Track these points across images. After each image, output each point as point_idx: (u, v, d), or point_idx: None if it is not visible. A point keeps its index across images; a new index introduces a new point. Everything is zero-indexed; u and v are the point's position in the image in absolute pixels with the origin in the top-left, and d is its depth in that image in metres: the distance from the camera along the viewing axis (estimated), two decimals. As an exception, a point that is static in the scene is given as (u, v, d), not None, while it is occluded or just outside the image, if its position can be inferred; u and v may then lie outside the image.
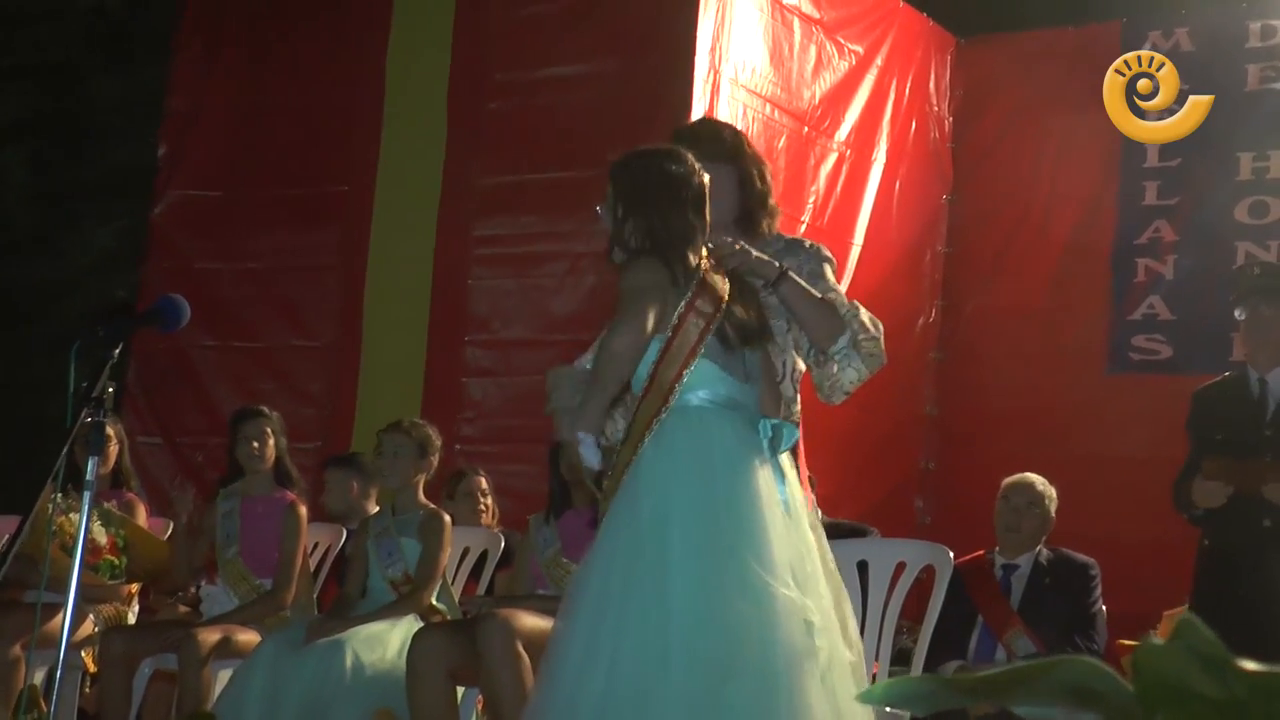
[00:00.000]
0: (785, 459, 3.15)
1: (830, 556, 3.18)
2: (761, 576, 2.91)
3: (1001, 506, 5.63)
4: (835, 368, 3.44)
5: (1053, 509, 5.61)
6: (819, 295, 3.40)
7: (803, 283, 3.40)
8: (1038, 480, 5.66)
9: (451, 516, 5.53)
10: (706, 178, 3.26)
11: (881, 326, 3.49)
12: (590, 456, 3.03)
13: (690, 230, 3.19)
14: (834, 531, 5.79)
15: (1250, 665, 0.97)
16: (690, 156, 3.27)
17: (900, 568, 4.45)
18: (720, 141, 3.61)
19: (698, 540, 2.97)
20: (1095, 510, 6.85)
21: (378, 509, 5.71)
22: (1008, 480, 5.69)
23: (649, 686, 2.85)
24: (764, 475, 3.06)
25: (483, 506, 6.14)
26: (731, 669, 2.86)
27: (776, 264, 3.35)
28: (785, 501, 3.06)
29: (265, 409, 5.40)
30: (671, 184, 3.21)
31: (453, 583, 5.22)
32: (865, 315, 3.49)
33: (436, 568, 4.98)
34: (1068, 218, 7.78)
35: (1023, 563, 5.53)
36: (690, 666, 2.85)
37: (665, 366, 3.09)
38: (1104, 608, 5.52)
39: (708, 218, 3.24)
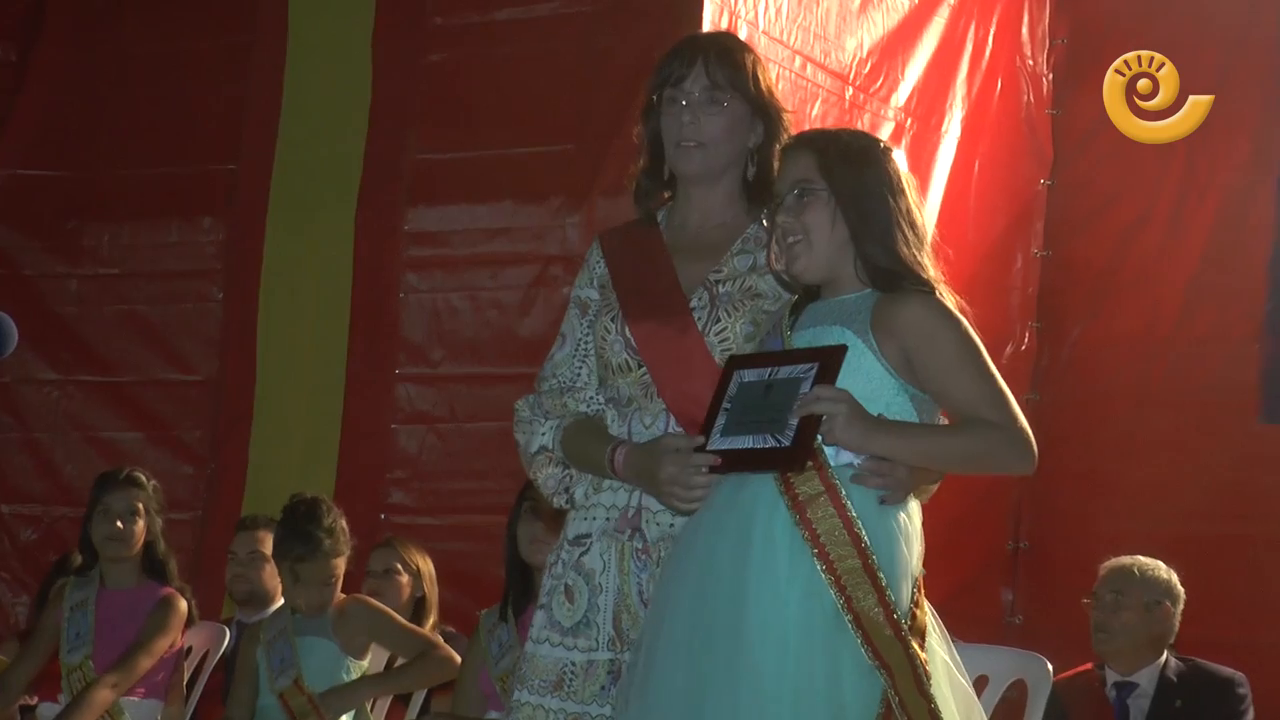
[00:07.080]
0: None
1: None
2: None
3: (1094, 605, 5.66)
4: None
5: (1167, 601, 5.63)
6: None
7: None
8: (1137, 564, 5.67)
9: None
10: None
11: None
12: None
13: None
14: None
15: None
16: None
17: (982, 683, 4.45)
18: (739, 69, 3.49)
19: None
20: (1244, 608, 6.86)
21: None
22: (1102, 566, 5.72)
23: None
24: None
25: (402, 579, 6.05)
26: None
27: None
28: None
29: (140, 474, 5.42)
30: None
31: (371, 707, 5.21)
32: None
33: (409, 634, 5.15)
34: (1208, 212, 7.79)
35: (1143, 679, 5.55)
36: None
37: None
38: (1258, 738, 5.55)
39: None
